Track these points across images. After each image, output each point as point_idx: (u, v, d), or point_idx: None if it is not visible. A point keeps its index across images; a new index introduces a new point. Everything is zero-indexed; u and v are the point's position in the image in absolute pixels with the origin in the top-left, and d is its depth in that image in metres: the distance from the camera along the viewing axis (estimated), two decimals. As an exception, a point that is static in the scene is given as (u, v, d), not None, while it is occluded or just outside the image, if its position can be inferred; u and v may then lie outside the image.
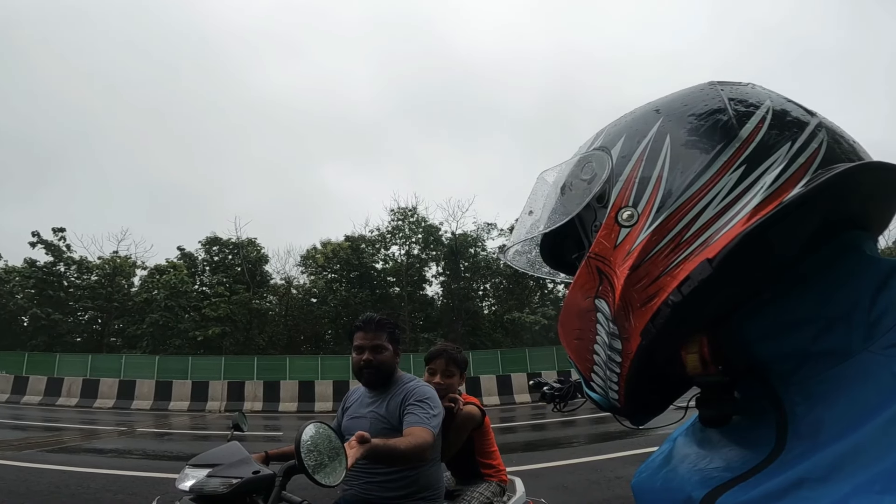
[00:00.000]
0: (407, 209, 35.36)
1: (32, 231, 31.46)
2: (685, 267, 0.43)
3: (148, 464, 6.87)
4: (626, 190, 0.48)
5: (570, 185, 0.55)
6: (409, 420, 1.76)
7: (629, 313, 0.46)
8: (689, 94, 0.51)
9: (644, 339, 0.45)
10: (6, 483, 5.40)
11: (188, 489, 1.50)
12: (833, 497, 0.34)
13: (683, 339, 0.46)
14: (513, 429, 10.70)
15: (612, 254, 0.48)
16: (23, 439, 9.08)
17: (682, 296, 0.42)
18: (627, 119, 0.54)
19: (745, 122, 0.45)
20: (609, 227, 0.49)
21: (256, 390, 18.53)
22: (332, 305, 32.09)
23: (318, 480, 1.02)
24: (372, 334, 1.93)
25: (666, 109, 0.50)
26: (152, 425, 12.73)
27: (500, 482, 2.24)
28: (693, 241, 0.43)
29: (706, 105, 0.48)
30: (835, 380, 0.40)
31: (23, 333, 29.80)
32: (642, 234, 0.46)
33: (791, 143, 0.43)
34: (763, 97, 0.47)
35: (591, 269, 0.50)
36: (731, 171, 0.43)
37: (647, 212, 0.46)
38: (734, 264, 0.41)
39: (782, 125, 0.45)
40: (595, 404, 0.57)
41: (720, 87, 0.49)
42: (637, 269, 0.45)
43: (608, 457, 6.20)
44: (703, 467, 0.48)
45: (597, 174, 0.52)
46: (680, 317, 0.43)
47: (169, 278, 30.58)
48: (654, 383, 0.52)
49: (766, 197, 0.41)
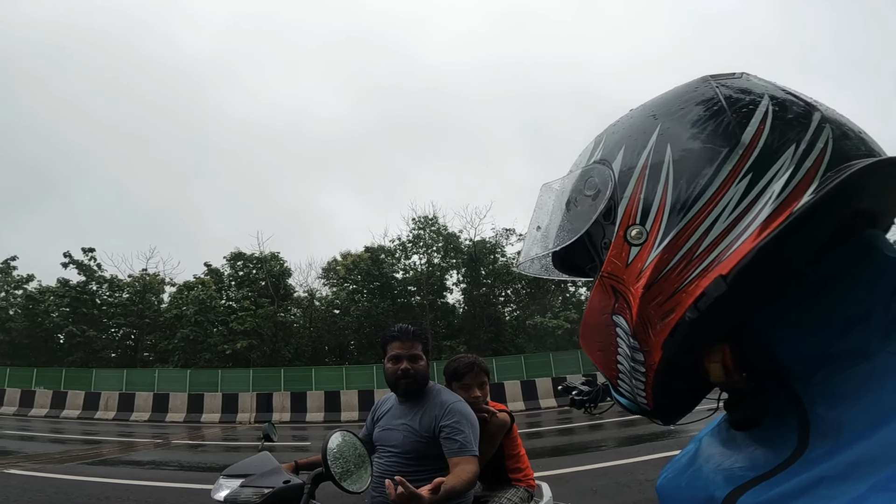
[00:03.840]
0: (427, 218, 35.51)
1: (64, 252, 32.61)
2: (700, 283, 0.42)
3: (183, 475, 7.04)
4: (631, 206, 0.48)
5: (575, 200, 0.55)
6: (451, 448, 1.75)
7: (648, 329, 0.46)
8: (684, 93, 0.49)
9: (666, 352, 0.45)
10: (48, 496, 5.58)
11: (223, 499, 1.55)
12: (851, 495, 0.34)
13: (705, 349, 0.46)
14: (539, 434, 10.58)
15: (625, 272, 0.47)
16: (63, 452, 9.39)
17: (699, 311, 0.42)
18: (625, 125, 0.53)
19: (745, 124, 0.44)
20: (619, 246, 0.48)
21: (284, 401, 18.78)
22: (354, 316, 32.31)
23: (345, 487, 1.04)
24: (409, 344, 1.92)
25: (663, 113, 0.49)
26: (186, 437, 13.03)
27: (528, 487, 2.23)
28: (705, 257, 0.43)
29: (704, 107, 0.46)
30: (854, 380, 0.40)
31: (60, 350, 30.75)
32: (653, 252, 0.45)
33: (796, 145, 0.42)
34: (760, 90, 0.46)
35: (606, 288, 0.49)
36: (736, 182, 0.43)
37: (655, 229, 0.46)
38: (749, 277, 0.41)
39: (785, 124, 0.43)
40: (624, 408, 0.57)
41: (715, 84, 0.48)
42: (651, 287, 0.45)
43: (638, 460, 6.07)
44: (727, 467, 0.48)
45: (600, 190, 0.51)
46: (699, 331, 0.43)
47: (197, 294, 31.28)
48: (683, 381, 0.52)
49: (775, 208, 0.41)
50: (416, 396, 1.94)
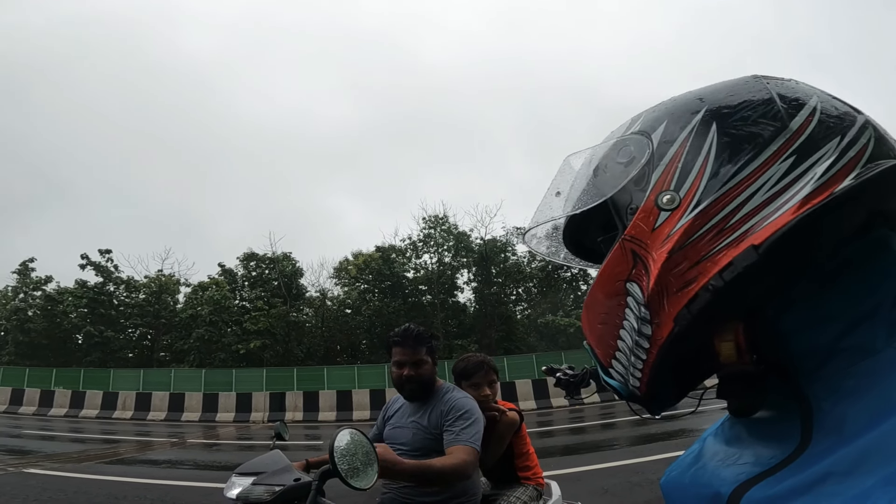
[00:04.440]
0: (438, 217, 35.56)
1: (81, 254, 33.28)
2: (728, 253, 0.43)
3: (198, 474, 7.16)
4: (667, 174, 0.48)
5: (605, 167, 0.55)
6: (449, 438, 1.77)
7: (663, 298, 0.46)
8: (734, 85, 0.51)
9: (677, 326, 0.45)
10: (67, 495, 5.69)
11: (235, 497, 1.58)
12: (857, 490, 0.34)
13: (716, 328, 0.46)
14: (551, 433, 10.55)
15: (650, 237, 0.47)
16: (82, 452, 9.57)
17: (723, 281, 0.42)
18: (668, 105, 0.53)
19: (794, 114, 0.45)
20: (648, 210, 0.48)
21: (297, 400, 18.95)
22: (365, 315, 32.50)
23: (352, 484, 1.06)
24: (411, 350, 1.92)
25: (710, 98, 0.50)
26: (201, 436, 13.21)
27: (537, 486, 2.23)
28: (738, 228, 0.43)
29: (753, 96, 0.48)
30: (859, 376, 0.41)
31: (78, 350, 31.36)
32: (684, 217, 0.46)
33: (840, 138, 0.43)
34: (810, 92, 0.47)
35: (626, 252, 0.49)
36: (780, 161, 0.44)
37: (689, 196, 0.46)
38: (777, 254, 0.41)
39: (831, 119, 0.45)
40: (613, 391, 0.56)
41: (765, 81, 0.50)
42: (676, 253, 0.45)
43: (650, 459, 6.02)
44: (731, 463, 0.49)
45: (635, 157, 0.51)
46: (718, 303, 0.43)
47: (212, 294, 31.71)
48: (674, 373, 0.52)
49: (816, 187, 0.41)
50: (421, 398, 1.96)
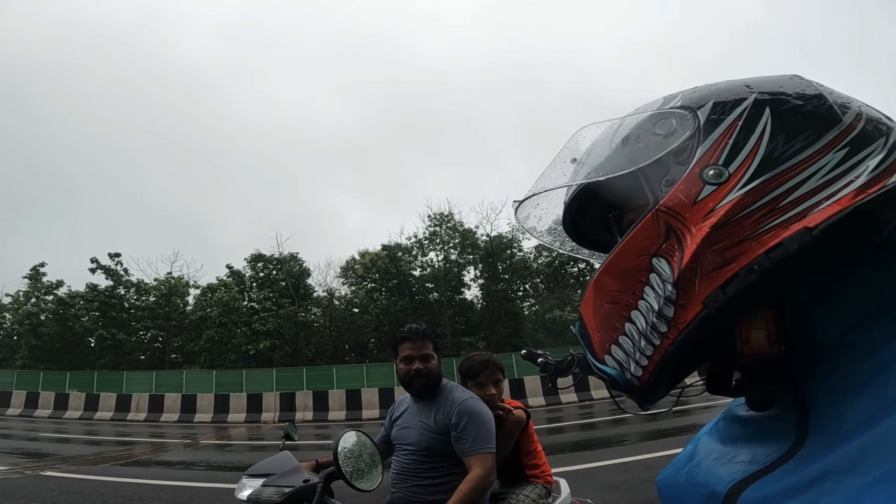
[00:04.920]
0: (443, 214, 35.55)
1: (91, 258, 33.66)
2: (778, 233, 0.42)
3: (211, 475, 7.23)
4: (716, 149, 0.47)
5: (638, 137, 0.53)
6: (462, 448, 1.78)
7: (696, 276, 0.44)
8: (780, 79, 0.51)
9: (707, 308, 0.43)
10: (84, 497, 5.76)
11: (246, 499, 1.60)
12: (854, 488, 0.34)
13: (743, 316, 0.45)
14: (561, 429, 10.53)
15: (690, 210, 0.45)
16: (98, 454, 9.69)
17: (769, 262, 0.41)
18: (710, 88, 0.53)
19: (845, 111, 0.46)
20: (690, 181, 0.47)
21: (307, 400, 19.04)
22: (373, 314, 32.60)
23: (356, 486, 1.07)
24: (420, 344, 1.95)
25: (759, 86, 0.50)
26: (213, 437, 13.32)
27: (546, 483, 2.23)
28: (790, 209, 0.43)
29: (805, 90, 0.48)
30: (859, 374, 0.40)
31: (91, 353, 31.72)
32: (734, 192, 0.44)
33: (886, 138, 0.45)
34: (850, 98, 0.49)
35: (658, 224, 0.47)
36: (835, 150, 0.44)
37: (740, 172, 0.45)
38: (824, 242, 0.41)
39: (875, 121, 0.46)
40: (606, 379, 0.53)
41: (810, 81, 0.51)
42: (719, 229, 0.44)
43: (661, 454, 6.00)
44: (726, 462, 0.48)
45: (676, 130, 0.50)
46: (758, 286, 0.42)
47: (221, 296, 31.96)
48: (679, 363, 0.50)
49: (870, 179, 0.42)
50: (430, 395, 1.97)
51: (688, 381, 0.54)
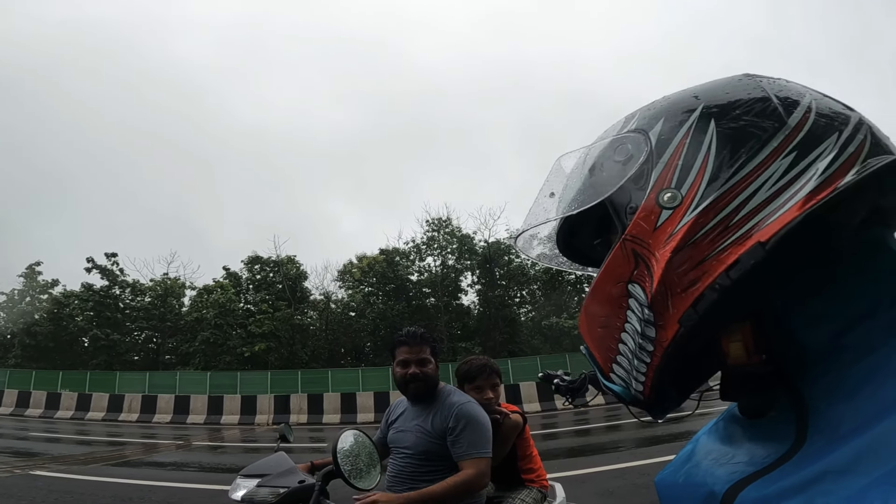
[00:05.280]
0: (441, 219, 35.60)
1: (87, 257, 33.55)
2: (734, 251, 0.42)
3: (203, 476, 7.17)
4: (667, 172, 0.47)
5: (602, 166, 0.54)
6: (457, 452, 1.78)
7: (668, 299, 0.45)
8: (727, 83, 0.50)
9: (683, 326, 0.44)
10: (74, 497, 5.71)
11: (240, 499, 1.59)
12: (852, 489, 0.34)
13: (722, 328, 0.45)
14: (555, 435, 10.52)
15: (652, 236, 0.46)
16: (88, 454, 9.61)
17: (730, 280, 0.41)
18: (663, 103, 0.53)
19: (791, 111, 0.45)
20: (648, 208, 0.47)
21: (301, 403, 18.95)
22: (370, 318, 32.52)
23: (355, 485, 1.07)
24: (417, 348, 1.93)
25: (706, 96, 0.50)
26: (206, 439, 13.23)
27: (541, 488, 2.23)
28: (743, 225, 0.42)
29: (749, 94, 0.47)
30: (856, 375, 0.40)
31: (84, 353, 31.55)
32: (687, 215, 0.45)
33: (839, 134, 0.43)
34: (802, 91, 0.47)
35: (626, 252, 0.48)
36: (781, 157, 0.43)
37: (692, 194, 0.45)
38: (783, 252, 0.41)
39: (827, 117, 0.44)
40: (615, 396, 0.55)
41: (758, 79, 0.49)
42: (679, 252, 0.44)
43: (656, 461, 5.99)
44: (725, 462, 0.48)
45: (633, 155, 0.51)
46: (725, 302, 0.42)
47: (217, 297, 31.86)
48: (676, 375, 0.51)
49: (820, 183, 0.41)
50: (427, 399, 1.96)
51: (711, 383, 0.54)
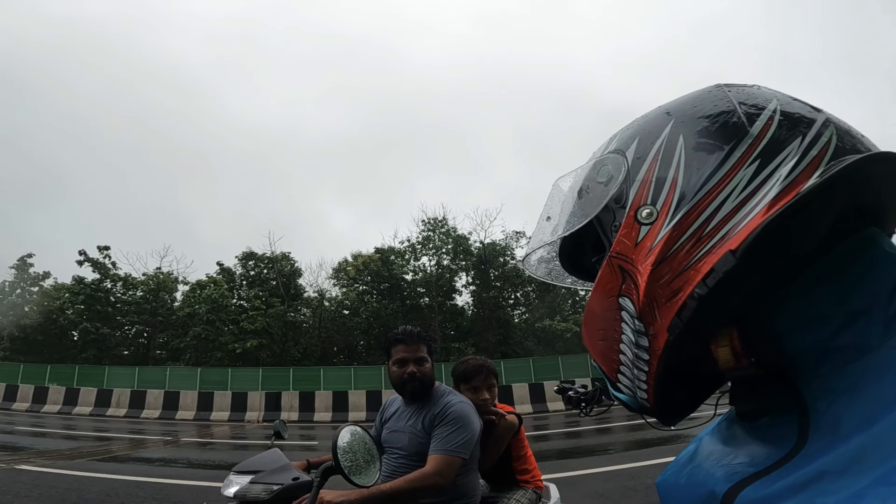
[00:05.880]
0: (437, 220, 35.60)
1: (80, 250, 33.19)
2: (708, 260, 0.44)
3: (192, 472, 7.10)
4: (643, 189, 0.50)
5: (587, 188, 0.57)
6: (431, 446, 1.75)
7: (655, 309, 0.47)
8: (697, 96, 0.52)
9: (671, 335, 0.45)
10: (59, 492, 5.63)
11: (232, 495, 1.56)
12: (851, 489, 0.34)
13: (711, 334, 0.47)
14: (546, 437, 10.54)
15: (634, 251, 0.49)
16: (75, 449, 9.51)
17: (707, 288, 0.43)
18: (639, 122, 0.55)
19: (754, 120, 0.46)
20: (629, 225, 0.50)
21: (292, 401, 18.89)
22: (363, 317, 32.47)
23: (354, 481, 1.06)
24: (414, 346, 1.90)
25: (676, 112, 0.52)
26: (195, 435, 13.14)
27: (536, 489, 2.22)
28: (714, 235, 0.44)
29: (715, 106, 0.49)
30: (854, 375, 0.41)
31: (73, 347, 31.22)
32: (663, 230, 0.47)
33: (802, 138, 0.45)
34: (770, 97, 0.49)
35: (614, 268, 0.50)
36: (745, 167, 0.45)
37: (665, 209, 0.47)
38: (756, 256, 0.42)
39: (791, 121, 0.46)
40: (624, 405, 0.57)
41: (727, 89, 0.51)
42: (660, 264, 0.46)
43: (645, 463, 6.03)
44: (726, 463, 0.48)
45: (613, 176, 0.53)
46: (706, 310, 0.44)
47: (210, 293, 31.64)
48: (683, 382, 0.52)
49: (782, 188, 0.43)
50: (422, 398, 1.94)
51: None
